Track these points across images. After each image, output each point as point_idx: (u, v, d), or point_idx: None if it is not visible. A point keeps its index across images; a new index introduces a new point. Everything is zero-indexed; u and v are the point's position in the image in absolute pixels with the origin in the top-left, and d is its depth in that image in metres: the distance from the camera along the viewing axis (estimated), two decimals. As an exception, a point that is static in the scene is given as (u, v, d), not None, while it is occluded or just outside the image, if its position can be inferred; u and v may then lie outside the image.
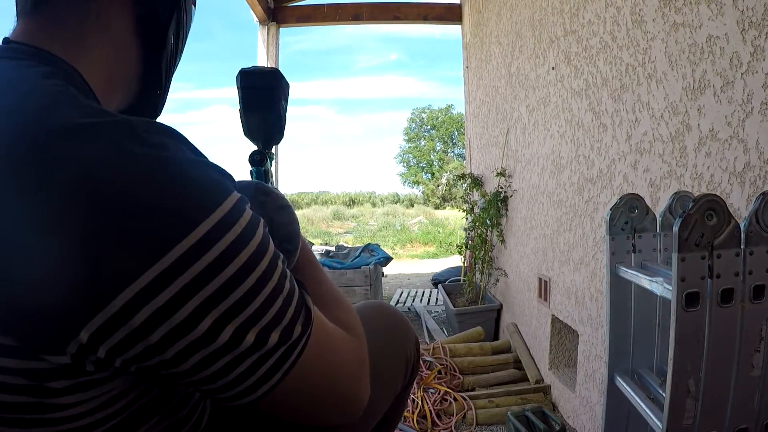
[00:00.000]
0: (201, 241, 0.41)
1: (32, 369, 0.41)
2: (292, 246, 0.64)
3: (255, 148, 0.88)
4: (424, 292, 5.35)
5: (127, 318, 0.40)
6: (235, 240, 0.44)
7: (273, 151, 0.94)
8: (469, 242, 3.78)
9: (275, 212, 0.62)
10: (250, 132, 0.89)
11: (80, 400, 0.44)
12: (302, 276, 0.75)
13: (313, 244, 8.47)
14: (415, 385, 2.28)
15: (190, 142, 0.47)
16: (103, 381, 0.44)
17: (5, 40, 0.53)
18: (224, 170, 0.48)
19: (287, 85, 0.86)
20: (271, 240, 0.49)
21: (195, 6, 0.71)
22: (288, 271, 0.51)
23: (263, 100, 0.83)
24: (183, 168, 0.43)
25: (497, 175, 3.16)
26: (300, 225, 0.82)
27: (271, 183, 0.94)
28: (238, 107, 0.85)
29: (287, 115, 0.91)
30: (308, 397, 0.54)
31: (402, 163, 36.40)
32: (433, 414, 2.14)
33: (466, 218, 3.85)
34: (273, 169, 0.97)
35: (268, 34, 4.81)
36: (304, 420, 0.58)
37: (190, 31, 0.71)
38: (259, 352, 0.46)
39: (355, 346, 0.61)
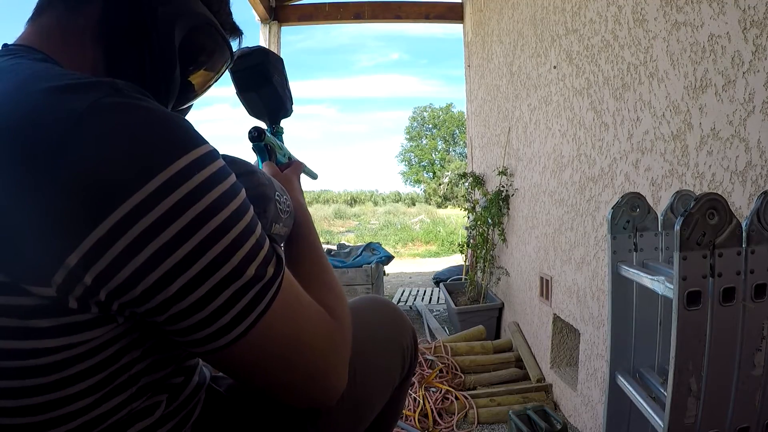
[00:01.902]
0: (183, 170, 0.46)
1: (17, 306, 0.43)
2: (259, 208, 0.64)
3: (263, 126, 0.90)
4: (425, 291, 5.36)
5: (113, 240, 0.43)
6: (213, 174, 0.48)
7: (282, 125, 0.96)
8: (471, 241, 3.78)
9: (238, 178, 0.63)
10: (252, 111, 0.91)
11: (65, 344, 0.45)
12: (295, 250, 0.77)
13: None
14: (416, 383, 2.29)
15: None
16: (87, 325, 0.46)
17: (4, 45, 0.60)
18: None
19: (278, 59, 0.88)
20: (243, 189, 0.53)
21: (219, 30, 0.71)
22: (259, 221, 0.54)
23: (255, 78, 0.84)
24: (165, 113, 0.48)
25: (499, 174, 3.16)
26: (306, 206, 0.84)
27: (285, 156, 0.96)
28: (235, 91, 0.88)
29: (287, 88, 0.92)
30: (271, 358, 0.55)
31: (404, 162, 36.39)
32: (435, 413, 2.14)
33: (468, 217, 3.85)
34: (286, 143, 0.99)
35: (269, 33, 4.81)
36: (271, 390, 0.59)
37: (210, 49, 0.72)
38: (236, 282, 0.49)
39: (333, 329, 0.62)
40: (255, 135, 0.88)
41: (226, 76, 0.87)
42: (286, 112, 0.94)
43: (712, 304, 0.72)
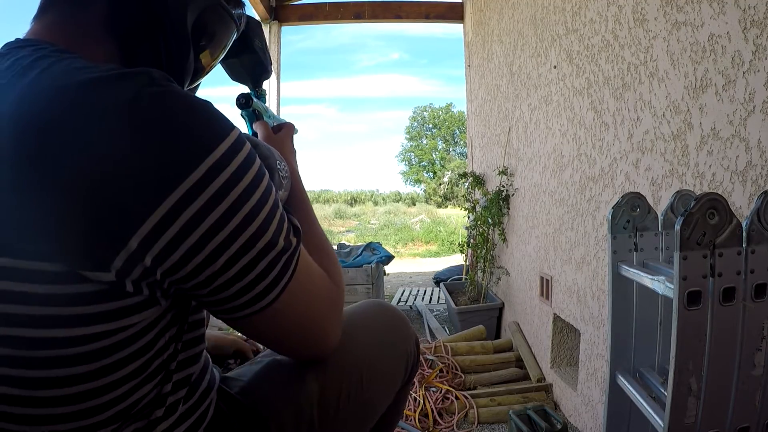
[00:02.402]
0: (226, 154, 0.50)
1: (72, 294, 0.46)
2: None
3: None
4: (425, 291, 5.36)
5: (171, 222, 0.47)
6: (247, 157, 0.53)
7: (264, 88, 0.99)
8: (471, 241, 3.78)
9: None
10: (234, 76, 0.93)
11: (113, 329, 0.48)
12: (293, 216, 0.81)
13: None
14: (416, 383, 2.29)
15: None
16: (135, 308, 0.49)
17: (17, 40, 0.60)
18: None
19: (256, 23, 0.89)
20: (263, 166, 0.57)
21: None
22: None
23: (235, 45, 0.84)
24: (202, 101, 0.52)
25: (499, 174, 3.16)
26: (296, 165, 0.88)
27: (271, 117, 0.97)
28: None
29: (267, 51, 0.94)
30: (293, 320, 0.62)
31: (404, 162, 36.38)
32: (435, 413, 2.14)
33: (468, 217, 3.85)
34: (270, 104, 1.00)
35: (269, 32, 4.81)
36: (283, 348, 0.68)
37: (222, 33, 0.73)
38: (271, 253, 0.55)
39: (331, 289, 0.69)
40: (243, 102, 0.90)
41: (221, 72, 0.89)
42: (268, 74, 0.96)
43: (713, 304, 0.72)
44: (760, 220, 0.72)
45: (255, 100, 0.92)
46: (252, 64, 0.91)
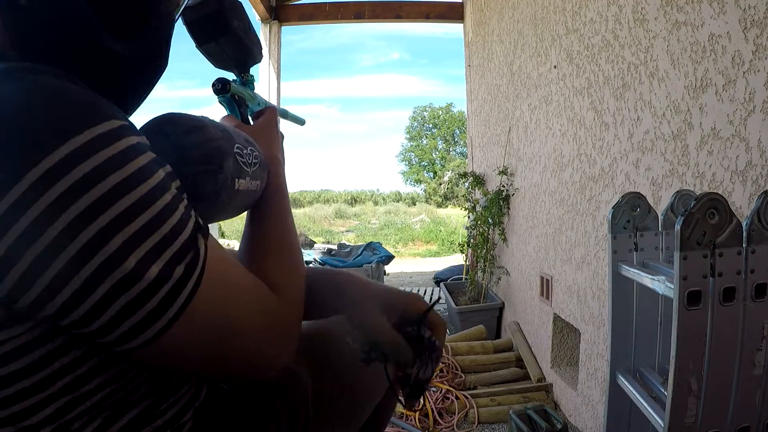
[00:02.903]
0: (63, 161, 0.40)
1: None
2: (213, 164, 0.58)
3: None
4: (426, 291, 5.36)
5: None
6: (105, 163, 0.42)
7: (253, 74, 0.90)
8: (471, 241, 3.78)
9: (182, 137, 0.57)
10: (217, 63, 0.85)
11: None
12: (257, 212, 0.71)
13: (315, 242, 8.48)
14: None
15: (80, 83, 0.46)
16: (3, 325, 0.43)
17: None
18: (108, 104, 0.46)
19: (235, 3, 0.81)
20: (156, 174, 0.46)
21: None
22: (182, 208, 0.48)
23: (211, 27, 0.78)
24: (49, 93, 0.42)
25: (499, 174, 3.16)
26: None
27: (260, 104, 0.90)
28: (195, 46, 0.81)
29: (251, 33, 0.85)
30: (199, 350, 0.51)
31: (404, 162, 36.37)
32: (435, 412, 2.14)
33: (468, 217, 3.85)
34: (277, 102, 0.92)
35: (270, 32, 4.81)
36: (197, 373, 0.57)
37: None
38: (138, 284, 0.43)
39: (271, 305, 0.58)
40: (219, 87, 0.80)
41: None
42: (254, 58, 0.88)
43: (713, 304, 0.72)
44: (761, 220, 0.72)
45: (234, 84, 0.83)
46: (232, 47, 0.82)
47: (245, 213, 0.72)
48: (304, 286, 0.67)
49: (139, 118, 0.63)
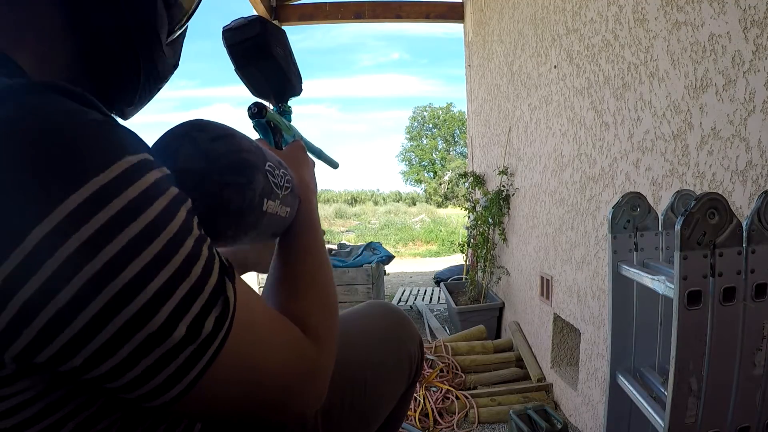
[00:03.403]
0: (78, 210, 0.35)
1: None
2: (242, 177, 0.54)
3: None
4: (426, 291, 5.36)
5: (2, 305, 0.34)
6: (126, 208, 0.38)
7: (291, 105, 0.87)
8: (472, 240, 3.78)
9: (208, 143, 0.52)
10: (255, 90, 0.82)
11: None
12: (288, 248, 0.66)
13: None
14: (417, 383, 2.29)
15: (88, 100, 0.41)
16: (8, 380, 0.38)
17: None
18: (127, 132, 0.41)
19: (279, 30, 0.78)
20: (179, 216, 0.42)
21: None
22: (206, 251, 0.44)
23: (253, 51, 0.76)
24: (64, 126, 0.37)
25: (499, 174, 3.16)
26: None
27: (295, 137, 0.86)
28: (234, 69, 0.79)
29: (291, 62, 0.82)
30: (231, 398, 0.48)
31: (404, 162, 36.41)
32: (435, 412, 2.14)
33: (468, 216, 3.85)
34: (298, 126, 0.85)
35: (269, 32, 4.81)
36: (230, 420, 0.52)
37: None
38: (164, 343, 0.40)
39: (303, 350, 0.54)
40: (255, 111, 0.77)
41: (234, 80, 0.82)
42: (294, 89, 0.84)
43: (713, 304, 0.72)
44: (761, 220, 0.72)
45: (271, 111, 0.80)
46: (272, 74, 0.79)
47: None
48: (338, 326, 0.63)
49: (138, 118, 0.63)
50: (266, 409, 0.52)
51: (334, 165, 1.04)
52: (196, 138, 0.52)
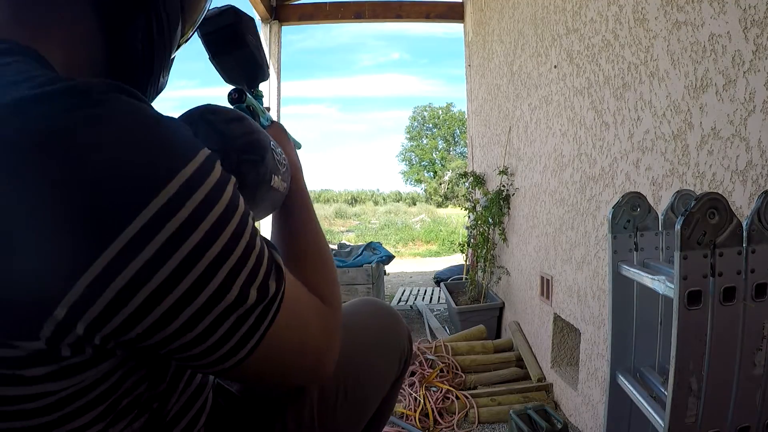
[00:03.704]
0: (173, 199, 0.39)
1: (2, 357, 0.38)
2: (256, 155, 0.60)
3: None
4: (426, 291, 5.36)
5: (104, 286, 0.38)
6: (209, 195, 0.42)
7: (260, 88, 0.91)
8: (472, 240, 3.78)
9: (225, 125, 0.58)
10: (229, 76, 0.85)
11: (62, 387, 0.42)
12: (293, 222, 0.73)
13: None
14: (417, 383, 2.29)
15: (148, 103, 0.44)
16: (85, 365, 0.42)
17: None
18: (188, 128, 0.46)
19: (250, 19, 0.82)
20: (240, 197, 0.47)
21: None
22: (252, 223, 0.49)
23: (228, 39, 0.79)
24: (144, 124, 0.41)
25: (499, 174, 3.16)
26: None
27: (268, 120, 0.90)
28: (208, 57, 0.82)
29: (261, 49, 0.86)
30: (276, 363, 0.54)
31: (404, 162, 36.42)
32: (435, 412, 2.14)
33: (469, 216, 3.85)
34: (270, 104, 0.93)
35: (270, 32, 4.81)
36: (267, 385, 0.61)
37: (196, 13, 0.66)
38: (241, 308, 0.45)
39: (327, 319, 0.61)
40: (236, 96, 0.81)
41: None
42: (264, 74, 0.89)
43: (713, 304, 0.72)
44: (761, 220, 0.72)
45: (249, 96, 0.84)
46: (245, 61, 0.83)
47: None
48: (339, 289, 0.70)
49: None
50: (303, 371, 0.59)
51: (297, 146, 1.10)
52: (213, 120, 0.59)
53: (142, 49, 0.57)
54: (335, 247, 5.27)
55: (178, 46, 0.65)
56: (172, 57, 0.65)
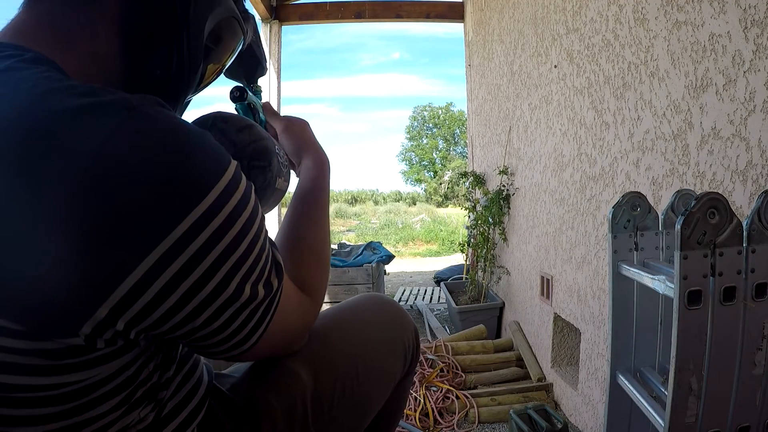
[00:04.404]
0: (212, 206, 0.44)
1: (36, 349, 0.41)
2: (264, 161, 0.65)
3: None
4: (426, 290, 5.36)
5: (145, 288, 0.42)
6: (239, 203, 0.47)
7: (259, 84, 0.94)
8: (472, 240, 3.78)
9: (236, 134, 0.63)
10: (228, 72, 0.87)
11: (89, 376, 0.45)
12: (296, 217, 0.76)
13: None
14: (417, 383, 2.29)
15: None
16: (113, 355, 0.46)
17: None
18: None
19: (251, 16, 0.83)
20: (257, 202, 0.52)
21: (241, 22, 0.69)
22: (263, 225, 0.54)
23: None
24: (188, 136, 0.45)
25: (499, 173, 3.16)
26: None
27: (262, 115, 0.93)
28: None
29: (261, 46, 0.89)
30: (268, 347, 0.60)
31: (404, 161, 36.42)
32: (436, 412, 2.14)
33: (469, 216, 3.85)
34: (278, 102, 0.95)
35: (270, 32, 4.80)
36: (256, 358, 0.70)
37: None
38: (252, 303, 0.52)
39: (307, 310, 0.68)
40: (237, 95, 0.85)
41: (234, 80, 0.86)
42: (263, 69, 0.91)
43: (713, 304, 0.72)
44: (761, 220, 0.72)
45: (250, 93, 0.87)
46: (245, 57, 0.85)
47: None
48: (328, 274, 0.76)
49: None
50: (284, 348, 0.69)
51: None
52: (224, 129, 0.63)
53: (160, 75, 0.59)
54: (335, 246, 5.27)
55: (202, 85, 0.68)
56: (201, 84, 0.68)
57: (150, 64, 0.58)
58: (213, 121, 0.63)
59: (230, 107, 0.87)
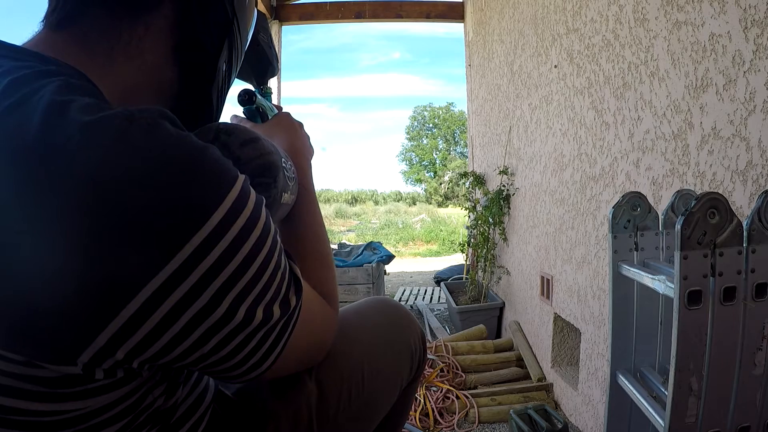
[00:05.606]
0: (216, 228, 0.41)
1: (34, 376, 0.39)
2: (269, 178, 0.62)
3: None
4: (426, 290, 5.36)
5: (147, 315, 0.39)
6: (247, 221, 0.44)
7: (270, 85, 0.92)
8: (472, 240, 3.78)
9: (240, 149, 0.59)
10: (238, 74, 0.85)
11: (89, 405, 0.43)
12: (300, 226, 0.76)
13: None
14: (417, 383, 2.29)
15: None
16: (113, 386, 0.43)
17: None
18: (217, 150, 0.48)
19: (262, 16, 0.82)
20: (270, 217, 0.49)
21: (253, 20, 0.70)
22: (278, 240, 0.51)
23: None
24: (190, 155, 0.42)
25: (500, 173, 3.16)
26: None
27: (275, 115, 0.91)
28: None
29: (272, 46, 0.87)
30: (290, 360, 0.58)
31: (404, 161, 36.41)
32: (436, 412, 2.14)
33: (469, 216, 3.85)
34: (278, 101, 0.94)
35: (270, 31, 4.80)
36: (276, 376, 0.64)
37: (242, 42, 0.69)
38: (266, 326, 0.48)
39: (330, 318, 0.67)
40: (245, 98, 0.82)
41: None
42: (273, 70, 0.89)
43: (713, 304, 0.72)
44: (761, 220, 0.72)
45: (259, 97, 0.85)
46: (256, 59, 0.83)
47: None
48: (336, 279, 0.75)
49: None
50: (310, 362, 0.68)
51: None
52: (227, 143, 0.59)
53: (214, 97, 0.61)
54: (335, 246, 5.28)
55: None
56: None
57: (194, 85, 0.58)
58: (216, 133, 0.60)
59: (237, 109, 0.87)
